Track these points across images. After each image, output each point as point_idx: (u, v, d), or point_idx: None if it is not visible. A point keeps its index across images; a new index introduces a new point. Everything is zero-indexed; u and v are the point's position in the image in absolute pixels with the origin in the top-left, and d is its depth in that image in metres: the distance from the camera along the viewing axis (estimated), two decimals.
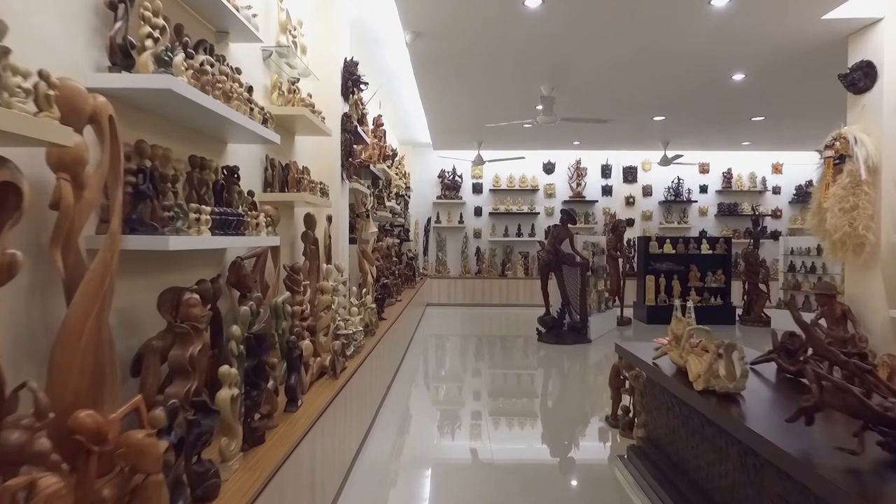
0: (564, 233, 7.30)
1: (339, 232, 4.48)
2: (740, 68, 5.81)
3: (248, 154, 3.12)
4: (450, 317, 10.27)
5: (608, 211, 11.77)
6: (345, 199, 4.69)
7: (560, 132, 9.34)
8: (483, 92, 6.90)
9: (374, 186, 6.95)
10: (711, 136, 9.53)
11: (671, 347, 2.67)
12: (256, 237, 2.54)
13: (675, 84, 6.42)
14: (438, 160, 11.55)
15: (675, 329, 2.66)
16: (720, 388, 2.11)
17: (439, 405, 4.90)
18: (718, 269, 9.23)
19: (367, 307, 4.26)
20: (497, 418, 4.48)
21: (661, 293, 9.16)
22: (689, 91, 6.67)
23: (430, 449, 3.88)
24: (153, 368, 1.83)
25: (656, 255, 9.25)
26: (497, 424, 4.32)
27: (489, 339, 8.28)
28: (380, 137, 7.16)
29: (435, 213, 11.81)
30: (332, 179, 4.43)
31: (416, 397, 5.10)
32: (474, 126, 8.88)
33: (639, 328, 8.80)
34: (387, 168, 7.22)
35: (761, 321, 8.82)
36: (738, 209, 11.68)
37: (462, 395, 5.21)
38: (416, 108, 8.27)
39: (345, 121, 4.57)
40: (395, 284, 7.52)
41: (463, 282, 11.37)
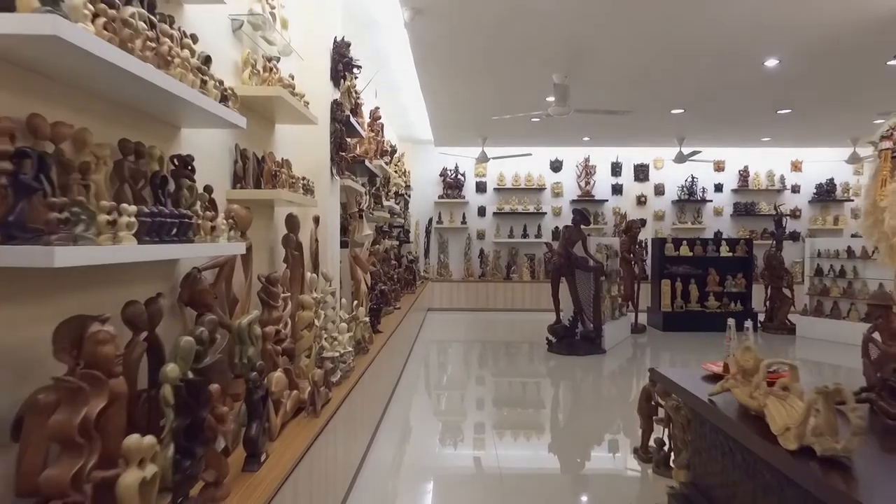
0: (577, 234, 6.75)
1: (327, 235, 3.93)
2: (775, 53, 5.26)
3: (212, 142, 2.58)
4: (452, 323, 9.72)
5: (618, 211, 11.22)
6: (335, 198, 4.14)
7: (570, 127, 8.80)
8: (489, 80, 6.35)
9: (371, 184, 6.41)
10: (730, 131, 8.98)
11: (736, 383, 2.12)
12: (210, 244, 1.99)
13: (699, 72, 5.87)
14: (440, 157, 11.01)
15: (742, 361, 2.12)
16: (824, 451, 1.56)
17: (444, 444, 4.35)
18: (739, 273, 8.67)
19: (360, 321, 3.71)
20: (508, 449, 3.94)
21: (677, 298, 8.60)
22: (715, 80, 6.12)
23: (433, 480, 3.34)
24: (35, 436, 1.29)
25: (672, 258, 8.69)
26: (511, 461, 3.77)
27: (493, 347, 7.72)
28: (377, 131, 6.61)
29: (436, 213, 11.26)
30: (319, 175, 3.88)
31: (416, 421, 4.55)
32: (478, 120, 8.33)
33: (654, 336, 8.24)
34: (384, 165, 6.67)
35: (785, 328, 8.26)
36: (756, 209, 11.11)
37: (465, 404, 4.66)
38: (417, 102, 7.73)
39: (335, 109, 4.03)
40: (394, 290, 6.98)
41: (466, 285, 10.82)
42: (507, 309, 10.73)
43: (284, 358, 2.75)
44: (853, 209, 11.22)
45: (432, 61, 5.78)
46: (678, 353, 7.31)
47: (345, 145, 4.90)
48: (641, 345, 7.72)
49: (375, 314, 4.57)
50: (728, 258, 8.69)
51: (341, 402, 2.78)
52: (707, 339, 7.92)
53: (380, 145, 6.62)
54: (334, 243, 4.10)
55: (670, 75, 6.02)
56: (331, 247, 4.01)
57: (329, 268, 3.92)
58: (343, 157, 4.63)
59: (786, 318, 8.33)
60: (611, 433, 4.31)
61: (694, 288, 8.61)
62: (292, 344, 2.81)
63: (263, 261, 3.29)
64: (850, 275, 7.77)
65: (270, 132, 3.39)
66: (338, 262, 4.17)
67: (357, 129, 4.91)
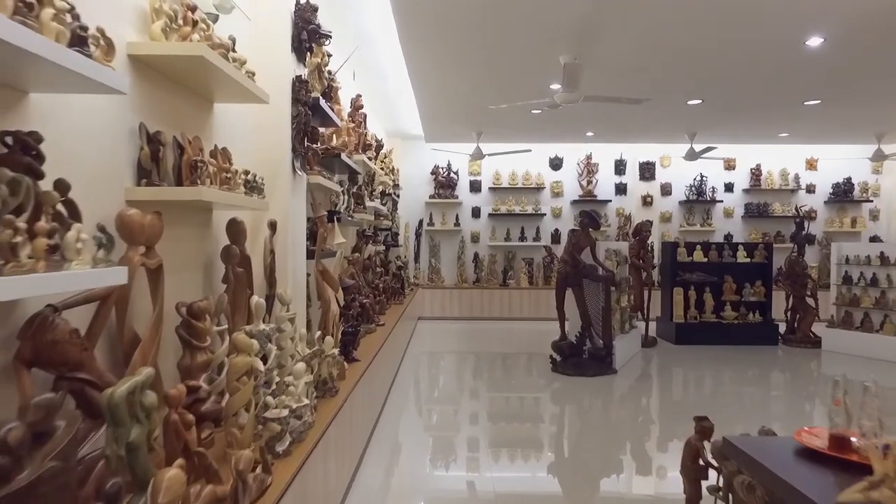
0: (585, 240, 5.99)
1: (289, 244, 3.14)
2: (821, 29, 4.52)
3: (95, 119, 1.77)
4: (444, 334, 8.93)
5: (622, 212, 10.47)
6: (299, 198, 3.35)
7: (572, 121, 8.04)
8: (485, 64, 5.57)
9: (352, 182, 5.62)
10: (747, 126, 8.25)
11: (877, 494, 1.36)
12: (43, 275, 1.19)
13: (727, 54, 5.12)
14: (431, 154, 10.22)
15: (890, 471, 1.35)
16: None
17: (436, 466, 3.57)
18: (757, 280, 7.93)
19: (326, 357, 2.92)
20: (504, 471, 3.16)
21: (690, 308, 7.87)
22: (744, 64, 5.37)
23: None
24: None
25: (685, 264, 7.95)
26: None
27: (489, 359, 6.93)
28: (359, 122, 5.82)
29: (427, 214, 10.47)
30: (277, 170, 3.09)
31: (405, 440, 3.76)
32: (473, 112, 7.55)
33: (667, 350, 7.49)
34: (367, 160, 5.88)
35: (809, 341, 7.54)
36: (769, 210, 10.40)
37: (458, 423, 3.88)
38: (405, 92, 6.94)
39: (298, 87, 3.23)
40: (379, 302, 6.19)
41: (459, 292, 10.04)
42: (503, 318, 9.96)
43: (211, 424, 1.96)
44: (871, 210, 10.54)
45: (421, 42, 5.00)
46: (695, 370, 6.57)
47: (316, 135, 4.11)
48: (654, 361, 6.97)
49: (351, 339, 3.77)
50: (745, 264, 7.96)
51: (287, 487, 1.98)
52: (725, 354, 7.19)
53: (362, 138, 5.82)
54: (298, 255, 3.31)
55: (692, 58, 5.26)
56: (294, 259, 3.22)
57: (292, 286, 3.12)
58: (312, 149, 3.84)
59: (809, 329, 7.61)
60: (624, 457, 3.54)
61: (709, 297, 7.87)
62: (218, 404, 2.01)
63: (194, 283, 2.49)
64: (883, 283, 7.05)
65: (205, 113, 2.59)
66: (304, 277, 3.37)
67: (331, 117, 4.12)
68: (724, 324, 7.76)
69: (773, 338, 7.74)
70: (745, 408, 5.14)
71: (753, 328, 7.74)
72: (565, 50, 4.92)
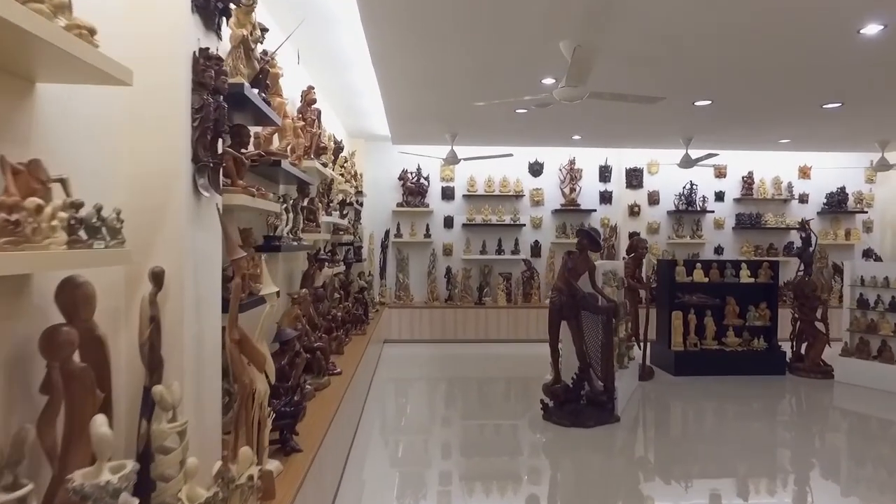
0: (583, 264, 5.05)
1: (186, 304, 2.06)
2: (881, 14, 3.67)
3: None
4: (411, 361, 7.89)
5: (607, 222, 9.63)
6: (208, 230, 2.26)
7: (560, 122, 7.12)
8: (465, 52, 4.57)
9: (302, 195, 4.53)
10: (751, 130, 7.47)
11: None
12: None
13: (759, 45, 4.25)
14: (399, 158, 9.16)
15: None
16: None
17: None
18: (762, 302, 7.16)
19: (237, 486, 1.85)
20: None
21: (690, 334, 7.03)
22: (774, 57, 4.52)
23: None
24: None
25: (683, 285, 7.12)
26: None
27: (464, 387, 5.92)
28: (311, 120, 4.74)
29: (395, 224, 9.40)
30: (164, 190, 2.02)
31: None
32: (448, 110, 6.54)
33: (666, 383, 6.63)
34: (322, 166, 4.80)
35: (819, 371, 6.80)
36: (762, 221, 9.71)
37: None
38: (369, 84, 5.88)
39: (202, 66, 2.15)
40: (337, 339, 5.12)
41: (430, 312, 9.01)
42: (478, 340, 8.97)
43: None
44: (865, 222, 9.98)
45: (387, 23, 3.96)
46: (702, 410, 5.71)
47: (243, 136, 3.04)
48: (656, 400, 6.09)
49: (289, 424, 2.71)
50: (749, 285, 7.17)
51: None
52: (730, 388, 6.38)
53: (315, 139, 4.75)
54: (207, 317, 2.23)
55: (714, 49, 4.38)
56: (198, 325, 2.14)
57: (192, 369, 2.05)
58: (235, 156, 2.77)
59: (819, 358, 6.87)
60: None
61: (710, 321, 7.06)
62: None
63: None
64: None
65: (16, 100, 1.51)
66: (217, 350, 2.29)
67: (266, 114, 3.06)
68: (727, 352, 6.95)
69: (780, 367, 6.97)
70: (769, 458, 4.29)
71: (758, 356, 6.96)
72: (567, 34, 3.96)
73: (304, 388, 3.40)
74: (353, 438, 4.59)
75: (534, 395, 5.86)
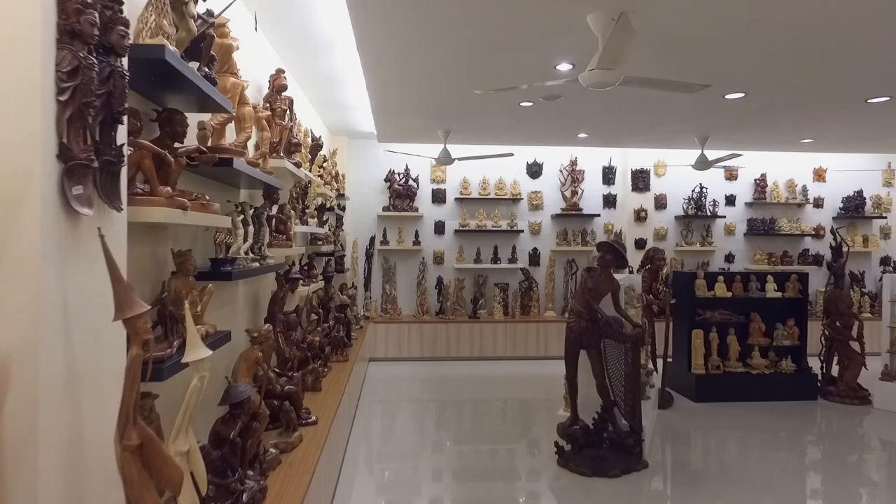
0: (606, 283, 4.27)
1: (39, 399, 1.23)
2: None
3: None
4: (398, 382, 7.07)
5: (611, 228, 8.89)
6: (91, 275, 1.43)
7: (567, 119, 6.35)
8: (465, 32, 3.77)
9: (269, 200, 3.70)
10: (774, 129, 6.77)
11: None
12: None
13: (815, 28, 3.52)
14: (386, 157, 8.33)
15: None
16: None
17: None
18: (789, 319, 6.46)
19: None
20: None
21: (712, 355, 6.31)
22: (832, 43, 3.80)
23: None
24: None
25: (704, 300, 6.39)
26: None
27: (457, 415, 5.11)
28: (281, 111, 3.91)
29: (380, 230, 8.56)
30: (11, 204, 1.18)
31: None
32: (442, 102, 5.74)
33: (687, 412, 5.89)
34: (293, 167, 3.96)
35: (856, 396, 6.11)
36: (776, 227, 9.05)
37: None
38: (353, 73, 5.06)
39: (74, 3, 1.32)
40: (314, 371, 4.29)
41: (420, 327, 8.18)
42: (473, 357, 8.17)
43: None
44: (882, 228, 9.38)
45: None
46: (744, 446, 4.96)
47: (177, 126, 2.22)
48: (683, 434, 5.35)
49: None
50: (776, 300, 6.46)
51: None
52: (759, 416, 5.67)
53: (285, 134, 3.91)
54: (96, 405, 1.40)
55: (760, 35, 3.65)
56: (80, 423, 1.32)
57: (53, 496, 1.23)
58: (154, 152, 1.94)
59: (855, 381, 6.19)
60: None
61: (734, 340, 6.34)
62: None
63: None
64: None
65: None
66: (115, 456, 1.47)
67: (211, 96, 2.25)
68: (753, 375, 6.23)
69: (811, 391, 6.27)
70: None
71: (787, 379, 6.25)
72: (598, 3, 3.17)
73: (263, 462, 2.57)
74: (339, 471, 3.76)
75: (535, 420, 5.10)
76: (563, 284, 8.67)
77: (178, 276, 2.25)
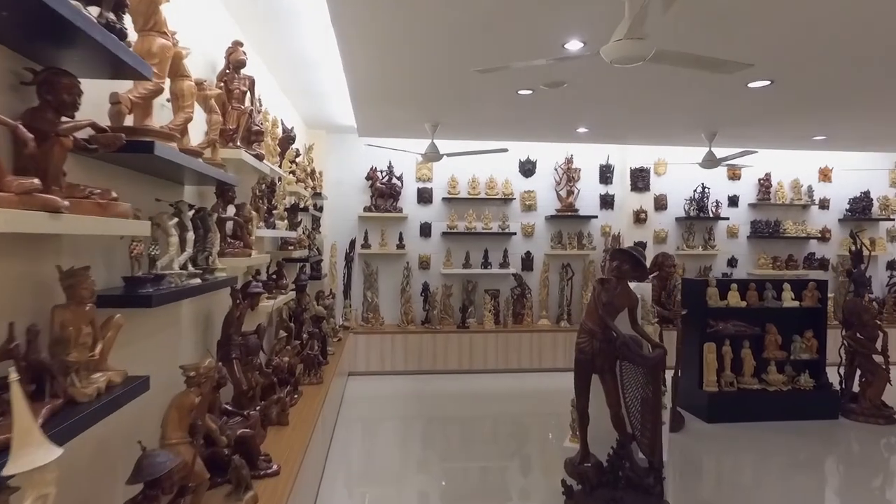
0: (623, 297, 3.67)
1: None
2: None
3: None
4: (382, 397, 6.42)
5: (608, 230, 8.34)
6: None
7: (567, 111, 5.76)
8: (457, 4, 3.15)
9: (222, 199, 3.03)
10: (788, 125, 6.26)
11: None
12: None
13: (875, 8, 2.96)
14: (367, 153, 7.66)
15: None
16: None
17: None
18: (807, 330, 5.94)
19: None
20: None
21: (725, 370, 5.76)
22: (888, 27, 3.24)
23: None
24: None
25: (716, 310, 5.84)
26: None
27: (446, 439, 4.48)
28: (240, 92, 3.24)
29: (361, 232, 7.90)
30: None
31: None
32: (430, 89, 5.11)
33: (702, 436, 5.33)
34: (254, 160, 3.29)
35: (881, 415, 5.61)
36: (781, 229, 8.57)
37: None
38: (329, 54, 4.40)
39: None
40: (279, 402, 3.64)
41: (404, 338, 7.54)
42: (462, 370, 7.54)
43: None
44: (889, 230, 8.95)
45: None
46: (763, 472, 4.41)
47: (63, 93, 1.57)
48: (701, 463, 4.79)
49: None
50: (793, 309, 5.94)
51: None
52: (778, 438, 5.15)
53: (244, 120, 3.25)
54: None
55: (808, 11, 3.08)
56: None
57: None
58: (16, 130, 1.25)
59: (879, 398, 5.69)
60: None
61: (748, 354, 5.80)
62: None
63: None
64: None
65: None
66: None
67: (123, 58, 1.58)
68: (770, 392, 5.70)
69: (832, 409, 5.75)
70: None
71: (806, 396, 5.73)
72: None
73: None
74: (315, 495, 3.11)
75: (531, 440, 4.49)
76: (559, 291, 8.09)
77: (68, 305, 1.59)
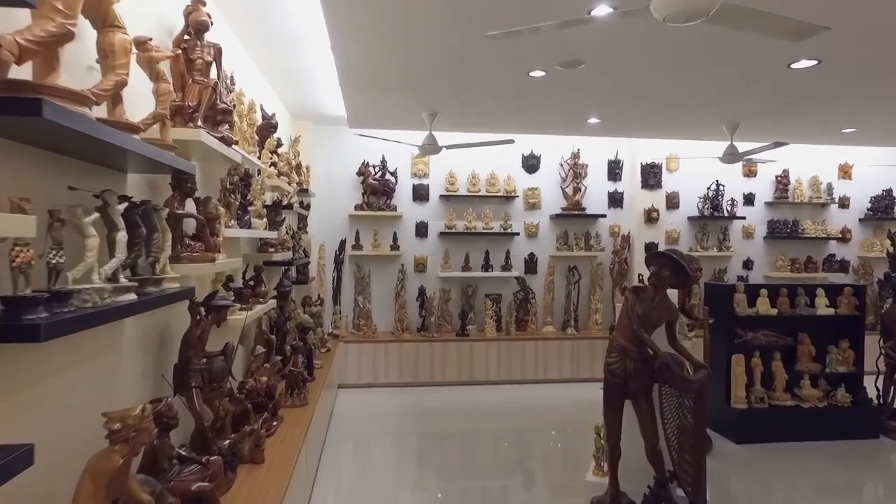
0: (662, 310, 3.11)
1: None
2: None
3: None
4: (374, 412, 5.83)
5: (617, 230, 7.80)
6: None
7: (578, 98, 5.19)
8: None
9: (178, 190, 2.44)
10: (821, 115, 5.73)
11: None
12: None
13: None
14: (359, 146, 7.07)
15: None
16: None
17: None
18: (843, 340, 5.42)
19: None
20: None
21: (755, 385, 5.23)
22: None
23: None
24: None
25: (745, 319, 5.30)
26: None
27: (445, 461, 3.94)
28: (202, 62, 2.65)
29: (352, 232, 7.30)
30: None
31: None
32: (428, 73, 4.52)
33: (733, 460, 4.78)
34: (220, 145, 2.70)
35: None
36: (799, 229, 8.06)
37: None
38: (317, 34, 3.81)
39: None
40: (254, 435, 3.05)
41: (398, 347, 6.95)
42: (461, 382, 6.97)
43: None
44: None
45: None
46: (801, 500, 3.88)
47: None
48: (735, 492, 4.24)
49: None
50: (829, 318, 5.41)
51: None
52: (817, 463, 4.60)
53: (206, 95, 2.65)
54: None
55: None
56: None
57: None
58: None
59: None
60: None
61: (780, 367, 5.27)
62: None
63: None
64: None
65: None
66: None
67: None
68: (805, 409, 5.16)
69: (872, 427, 5.23)
70: None
71: (842, 414, 5.20)
72: None
73: None
74: None
75: (535, 457, 3.93)
76: (565, 295, 7.53)
77: None
